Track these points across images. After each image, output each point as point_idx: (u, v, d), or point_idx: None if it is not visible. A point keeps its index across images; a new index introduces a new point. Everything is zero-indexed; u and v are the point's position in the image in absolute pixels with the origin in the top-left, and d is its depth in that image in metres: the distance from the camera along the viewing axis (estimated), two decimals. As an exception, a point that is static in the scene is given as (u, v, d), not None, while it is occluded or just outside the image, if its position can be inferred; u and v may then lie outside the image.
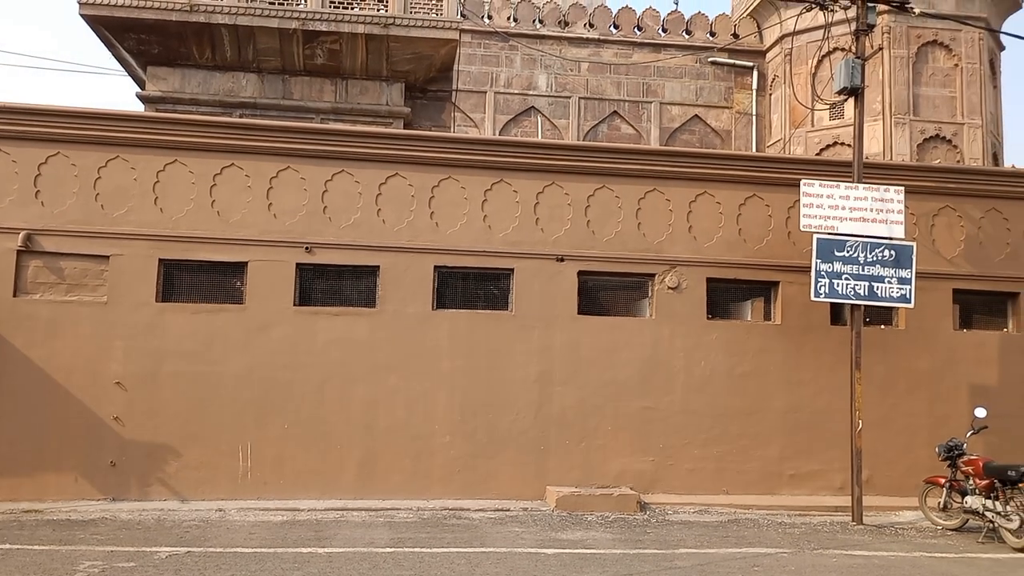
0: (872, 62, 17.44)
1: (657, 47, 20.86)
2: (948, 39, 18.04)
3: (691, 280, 11.27)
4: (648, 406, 10.98)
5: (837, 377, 10.95)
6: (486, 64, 20.27)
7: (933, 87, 18.08)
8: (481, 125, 20.16)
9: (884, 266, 10.37)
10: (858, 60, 10.60)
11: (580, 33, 20.57)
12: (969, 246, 11.69)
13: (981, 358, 11.52)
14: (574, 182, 11.22)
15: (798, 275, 11.07)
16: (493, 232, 11.02)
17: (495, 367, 10.80)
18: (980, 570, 7.77)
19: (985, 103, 18.13)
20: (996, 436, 10.72)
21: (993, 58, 19.06)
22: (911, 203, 11.10)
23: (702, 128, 20.96)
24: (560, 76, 20.46)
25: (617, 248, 11.21)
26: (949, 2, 17.99)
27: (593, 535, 8.73)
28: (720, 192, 11.45)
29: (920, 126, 17.88)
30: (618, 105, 20.69)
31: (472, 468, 10.57)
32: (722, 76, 21.05)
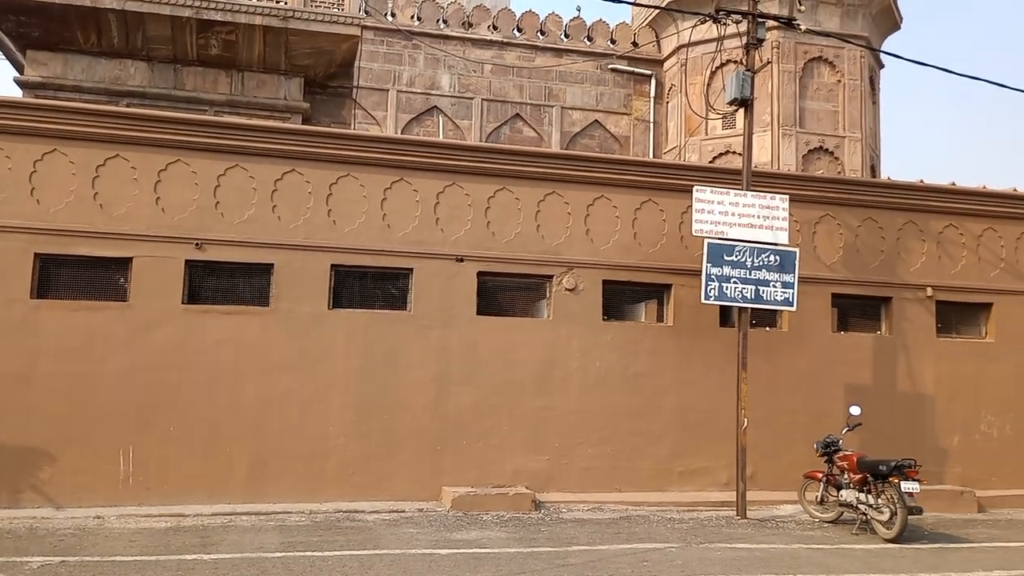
0: (762, 75, 18.15)
1: (559, 52, 21.14)
2: (832, 56, 18.97)
3: (588, 282, 11.46)
4: (544, 406, 11.11)
5: (725, 377, 11.34)
6: (389, 62, 20.09)
7: (818, 101, 18.98)
8: (383, 123, 19.96)
9: (770, 270, 10.81)
10: (748, 73, 11.02)
11: (484, 35, 20.64)
12: (847, 253, 12.32)
13: (856, 359, 12.16)
14: (475, 183, 11.24)
15: (690, 278, 11.42)
16: (392, 231, 10.93)
17: (392, 367, 10.71)
18: (853, 560, 8.19)
19: (865, 118, 19.16)
20: (869, 432, 11.34)
21: (873, 75, 20.16)
22: (795, 211, 11.62)
23: (602, 133, 21.37)
24: (463, 77, 20.47)
25: (516, 249, 11.29)
26: (834, 20, 18.92)
27: (488, 535, 8.76)
28: (617, 196, 11.69)
29: (805, 138, 18.74)
30: (520, 108, 20.86)
31: (367, 469, 10.44)
32: (622, 83, 21.51)
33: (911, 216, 12.58)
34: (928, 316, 12.50)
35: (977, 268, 12.76)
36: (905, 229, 12.56)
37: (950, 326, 12.77)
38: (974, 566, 8.07)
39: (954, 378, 12.46)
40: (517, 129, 20.98)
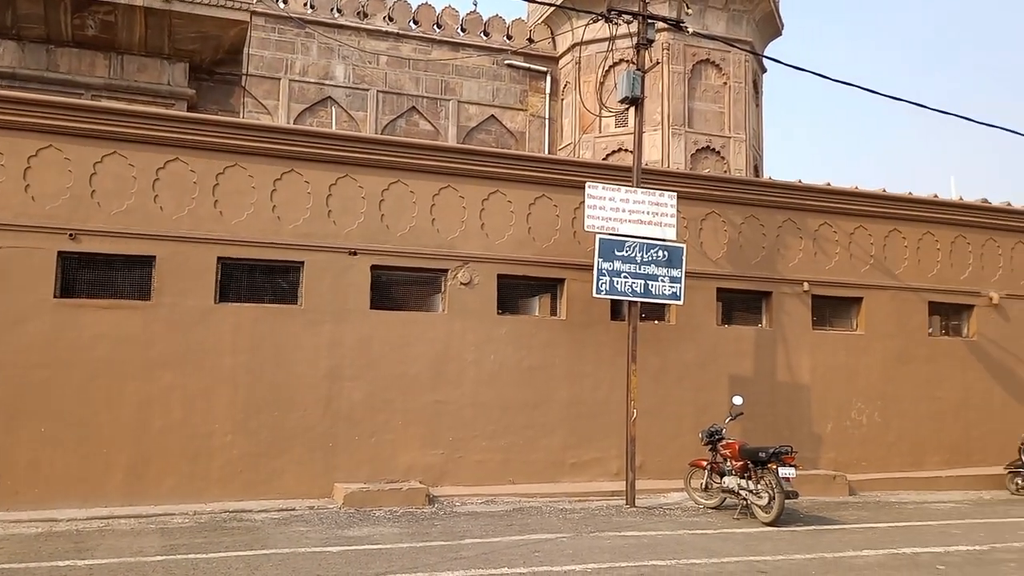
0: (654, 76, 18.64)
1: (456, 46, 21.11)
2: (719, 59, 19.65)
3: (483, 276, 11.50)
4: (439, 400, 11.09)
5: (615, 369, 11.60)
6: (281, 50, 19.59)
7: (705, 102, 19.64)
8: (274, 113, 19.46)
9: (658, 265, 11.12)
10: (639, 72, 11.29)
11: (379, 26, 20.39)
12: (731, 249, 12.80)
13: (739, 351, 12.66)
14: (369, 175, 11.09)
15: (582, 273, 11.61)
16: (283, 223, 10.66)
17: (282, 363, 10.46)
18: (734, 544, 8.53)
19: (749, 119, 19.94)
20: (751, 421, 11.83)
21: (757, 79, 21.01)
22: (683, 208, 11.98)
23: (498, 128, 21.47)
24: (359, 68, 20.17)
25: (411, 243, 11.21)
26: (720, 25, 19.60)
27: (380, 530, 8.68)
28: (512, 191, 11.77)
29: (694, 137, 19.36)
30: (417, 101, 20.73)
31: (255, 467, 10.17)
32: (518, 79, 21.66)
33: (790, 214, 13.19)
34: (805, 309, 13.13)
35: (849, 264, 13.50)
36: (784, 227, 13.16)
37: (825, 319, 13.46)
38: (845, 546, 8.54)
39: (828, 368, 13.15)
40: (413, 122, 20.83)
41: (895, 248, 13.81)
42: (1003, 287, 14.39)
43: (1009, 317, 14.43)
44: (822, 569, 7.49)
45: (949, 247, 14.16)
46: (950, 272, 14.13)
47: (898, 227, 13.85)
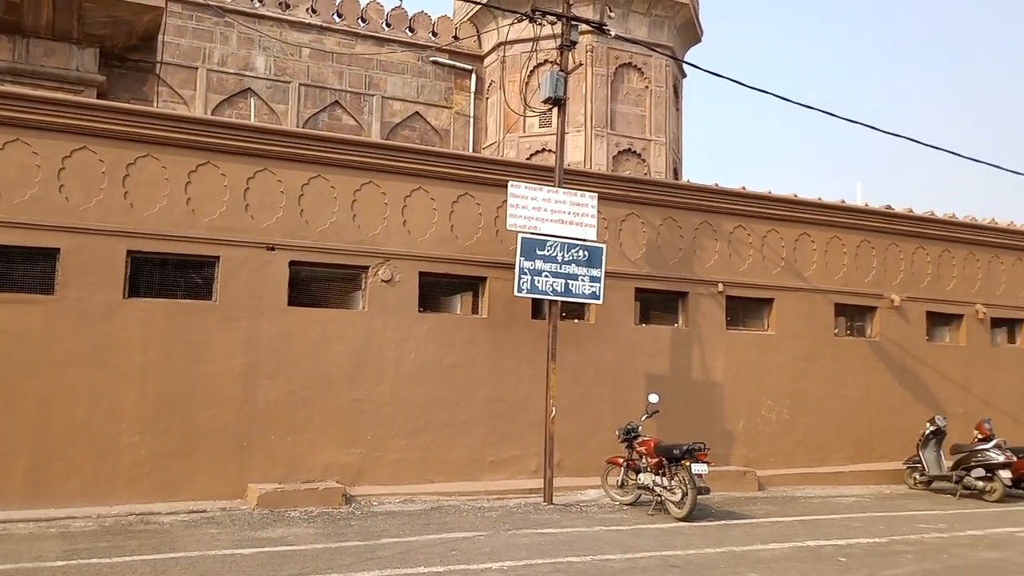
0: (577, 78, 18.84)
1: (381, 41, 20.91)
2: (641, 63, 20.00)
3: (404, 273, 11.43)
4: (358, 398, 10.97)
5: (536, 367, 11.69)
6: (198, 38, 19.04)
7: (627, 105, 19.96)
8: (191, 103, 18.90)
9: (579, 265, 11.26)
10: (562, 73, 11.40)
11: (302, 18, 20.03)
12: (649, 250, 13.05)
13: (656, 350, 12.92)
14: (288, 169, 10.89)
15: (504, 271, 11.66)
16: (197, 217, 10.38)
17: (195, 360, 10.18)
18: (648, 539, 8.71)
19: (669, 123, 20.35)
20: (667, 419, 12.09)
21: (677, 84, 21.45)
22: (604, 208, 12.16)
23: (423, 125, 21.36)
24: (280, 59, 19.78)
25: (331, 239, 11.06)
26: (642, 29, 19.94)
27: (295, 531, 8.55)
28: (435, 188, 11.73)
29: (616, 139, 19.65)
30: (340, 95, 20.45)
31: (165, 468, 9.87)
32: (443, 76, 21.59)
33: (706, 217, 13.52)
34: (719, 310, 13.49)
35: (762, 266, 13.92)
36: (701, 229, 13.48)
37: (738, 319, 13.86)
38: (753, 540, 8.81)
39: (741, 367, 13.54)
40: (336, 117, 20.55)
41: (805, 251, 14.31)
42: (904, 290, 15.07)
43: (909, 319, 15.12)
44: (731, 562, 7.72)
45: (855, 251, 14.76)
46: (855, 275, 14.73)
47: (808, 231, 14.36)
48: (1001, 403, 15.71)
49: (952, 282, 15.69)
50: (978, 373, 15.69)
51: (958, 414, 15.02)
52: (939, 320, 15.70)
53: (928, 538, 9.28)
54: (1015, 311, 16.28)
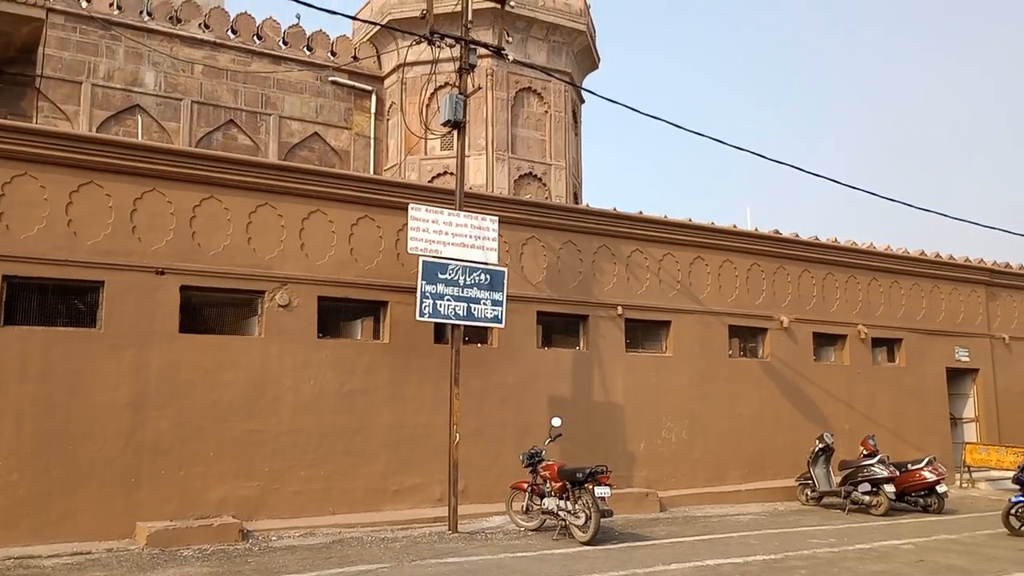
0: (479, 101, 18.94)
1: (277, 59, 20.47)
2: (540, 88, 20.27)
3: (302, 298, 11.14)
4: (254, 428, 10.58)
5: (439, 393, 11.57)
6: (83, 52, 18.18)
7: (528, 129, 20.17)
8: (75, 119, 17.99)
9: (481, 289, 11.23)
10: (461, 96, 11.40)
11: (194, 33, 19.41)
12: (551, 273, 13.17)
13: (559, 372, 13.01)
14: (179, 190, 10.48)
15: (405, 295, 11.53)
16: (80, 239, 9.84)
17: (78, 391, 9.61)
18: (553, 565, 8.69)
19: (568, 148, 20.68)
20: (570, 442, 12.16)
21: (576, 109, 21.85)
22: (505, 232, 12.20)
23: (322, 146, 20.99)
24: (171, 76, 19.08)
25: (225, 263, 10.68)
26: (541, 55, 20.24)
27: (187, 571, 8.13)
28: (333, 211, 11.51)
29: (517, 163, 19.81)
30: (235, 114, 19.88)
31: (45, 508, 9.24)
32: (342, 97, 21.30)
33: (605, 240, 13.76)
34: (619, 332, 13.71)
35: (659, 289, 14.26)
36: (600, 252, 13.71)
37: (637, 341, 14.12)
38: (655, 561, 8.92)
39: (640, 389, 13.78)
40: (231, 136, 19.95)
41: (699, 274, 14.74)
42: (792, 311, 15.71)
43: (797, 340, 15.77)
44: (635, 585, 7.78)
45: (746, 274, 15.30)
46: (747, 297, 15.26)
47: (702, 255, 14.80)
48: (883, 419, 16.54)
49: (836, 304, 16.46)
50: (861, 390, 16.48)
51: (844, 431, 15.73)
52: (825, 340, 16.43)
53: (820, 553, 9.62)
54: (893, 331, 17.21)
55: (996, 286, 19.13)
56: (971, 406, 18.76)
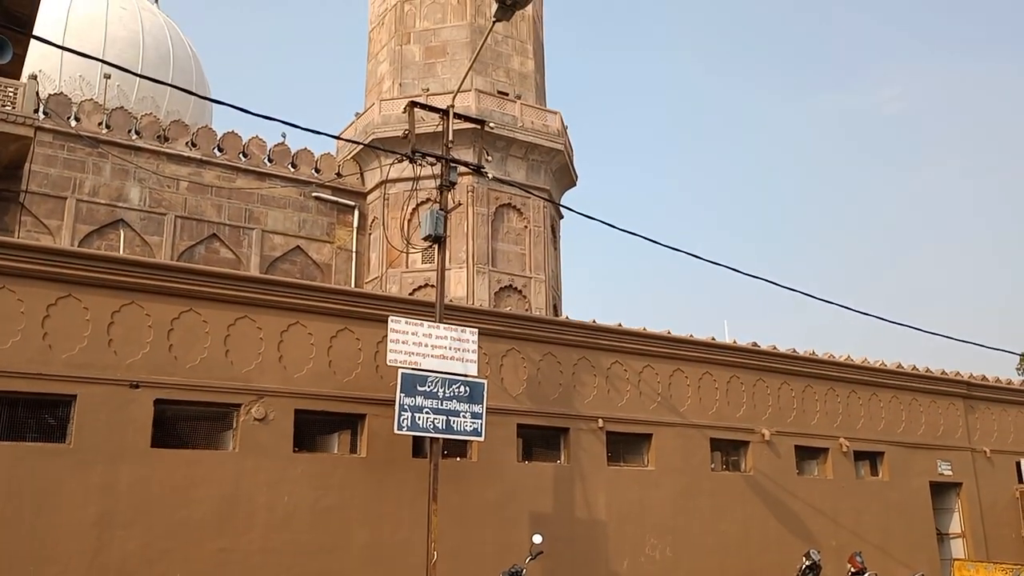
0: (460, 216, 19.36)
1: (262, 175, 20.95)
2: (520, 204, 20.78)
3: (279, 411, 10.99)
4: (224, 547, 10.22)
5: (416, 509, 11.29)
6: (69, 168, 18.53)
7: (508, 243, 20.54)
8: (57, 233, 18.15)
9: (460, 401, 11.14)
10: (441, 212, 11.65)
11: (181, 151, 19.89)
12: (531, 385, 13.12)
13: (539, 487, 12.77)
14: (158, 303, 10.47)
15: (384, 408, 11.40)
16: (55, 352, 9.74)
17: (44, 510, 9.28)
18: None
19: (548, 261, 21.01)
20: (551, 560, 11.81)
21: (555, 224, 22.34)
22: (485, 344, 12.22)
23: (304, 259, 21.22)
24: (156, 191, 19.43)
25: (202, 376, 10.58)
26: (521, 172, 20.85)
27: None
28: (313, 323, 11.52)
29: (497, 276, 20.07)
30: (218, 228, 20.16)
31: (-3, 636, 8.78)
32: (325, 212, 21.70)
33: (585, 353, 13.79)
34: (600, 446, 13.56)
35: (639, 402, 14.20)
36: (580, 364, 13.72)
37: (618, 455, 13.95)
38: None
39: (623, 504, 13.51)
40: (214, 250, 20.16)
41: (679, 387, 14.74)
42: (773, 424, 15.65)
43: (779, 453, 15.65)
44: None
45: (726, 387, 15.32)
46: (727, 410, 15.22)
47: (681, 367, 14.84)
48: (870, 535, 16.25)
49: (816, 416, 16.44)
50: (846, 505, 16.25)
51: (831, 547, 15.40)
52: (807, 454, 16.31)
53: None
54: (875, 444, 17.14)
55: (974, 399, 19.23)
56: (957, 521, 18.51)
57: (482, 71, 21.80)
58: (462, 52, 21.89)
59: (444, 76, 21.77)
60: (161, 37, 27.65)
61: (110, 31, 26.01)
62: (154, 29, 27.54)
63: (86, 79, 24.26)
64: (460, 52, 21.94)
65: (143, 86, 24.13)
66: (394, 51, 22.63)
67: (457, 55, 21.95)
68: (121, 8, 26.73)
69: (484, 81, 21.72)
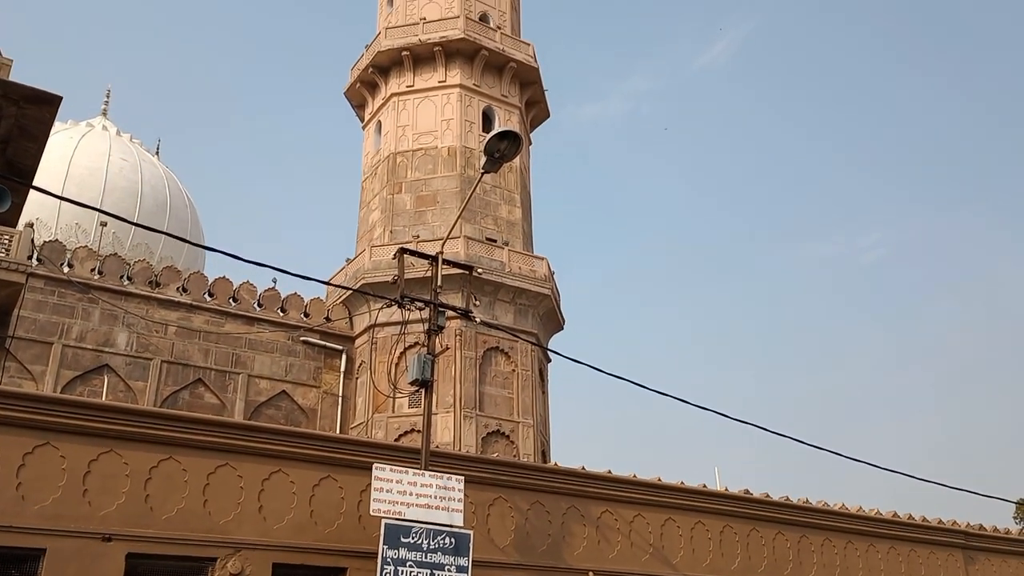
0: (448, 360, 19.36)
1: (251, 320, 21.05)
2: (508, 348, 20.85)
3: (256, 566, 10.53)
4: None
5: (397, 672, 10.64)
6: (58, 314, 18.60)
7: (496, 387, 20.45)
8: (41, 379, 17.99)
9: (445, 553, 10.74)
10: (429, 356, 11.66)
11: (171, 296, 20.07)
12: (518, 536, 12.70)
13: (528, 647, 12.10)
14: (136, 451, 10.24)
15: (366, 561, 10.96)
16: (27, 504, 9.42)
17: (-4, 676, 8.71)
18: None
19: (536, 405, 20.86)
20: None
21: (543, 368, 22.33)
22: (471, 492, 11.90)
23: (289, 404, 21.00)
24: (143, 336, 19.44)
25: (178, 527, 10.20)
26: (508, 316, 21.05)
27: None
28: (295, 471, 11.25)
29: (484, 421, 19.85)
30: (204, 373, 20.05)
31: None
32: (312, 356, 21.69)
33: (574, 501, 13.44)
34: (591, 600, 12.96)
35: (630, 553, 13.71)
36: (569, 513, 13.34)
37: (611, 610, 13.30)
38: None
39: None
40: (198, 395, 19.97)
41: (671, 537, 14.28)
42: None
43: (778, 606, 14.98)
44: None
45: (719, 536, 14.85)
46: (721, 561, 14.68)
47: (673, 516, 14.44)
48: None
49: (813, 568, 15.87)
50: (850, 663, 15.42)
51: None
52: (807, 607, 15.64)
53: None
54: (876, 595, 16.48)
55: (973, 549, 18.68)
56: None
57: (471, 219, 22.42)
58: (452, 201, 22.59)
59: (434, 223, 22.37)
60: (159, 187, 28.53)
61: (110, 181, 26.86)
62: (153, 179, 28.44)
63: (82, 227, 24.82)
64: (450, 201, 22.65)
65: (138, 233, 24.65)
66: (386, 200, 23.33)
67: (447, 203, 22.64)
68: (122, 160, 27.71)
69: (473, 228, 22.31)
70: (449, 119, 23.70)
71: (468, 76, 24.19)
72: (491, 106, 24.53)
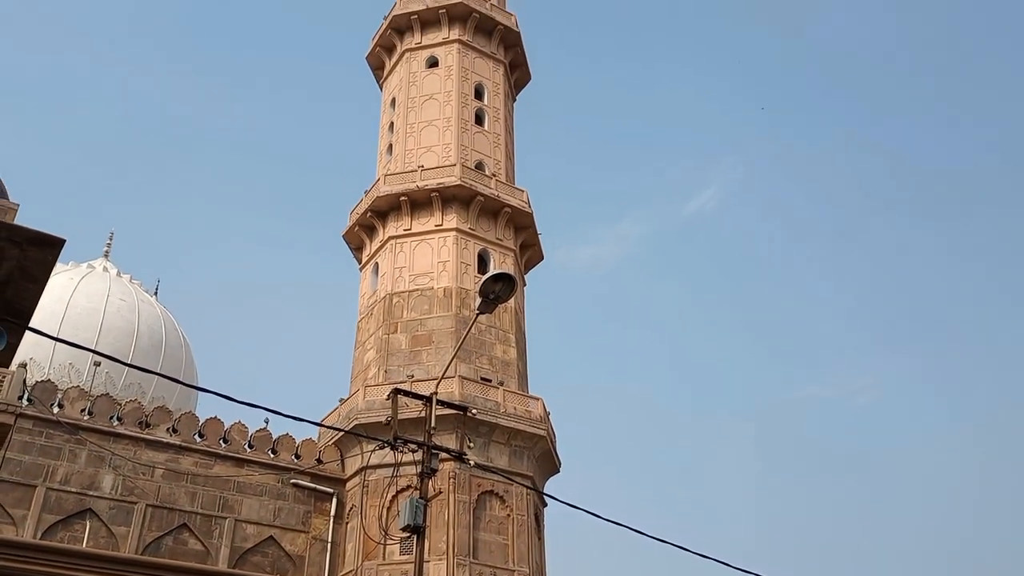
0: (441, 504, 18.84)
1: (241, 462, 20.60)
2: (503, 491, 20.32)
3: None
4: None
5: None
6: (44, 455, 18.21)
7: (490, 533, 19.79)
8: (21, 524, 17.36)
9: None
10: (421, 501, 11.36)
11: (160, 437, 19.74)
12: None
13: None
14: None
15: None
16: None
17: None
18: None
19: (532, 552, 20.12)
20: None
21: (539, 512, 21.69)
22: (463, 647, 11.31)
23: (276, 551, 20.23)
24: (129, 479, 18.95)
25: None
26: (503, 459, 20.65)
27: None
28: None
29: (479, 568, 19.08)
30: (189, 517, 19.40)
31: None
32: (302, 499, 21.09)
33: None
34: None
35: None
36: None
37: None
38: None
39: None
40: (182, 540, 19.24)
41: None
42: None
43: None
44: None
45: None
46: None
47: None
48: None
49: None
50: None
51: None
52: None
53: None
54: None
55: None
56: None
57: (466, 358, 22.41)
58: (447, 340, 22.65)
59: (429, 363, 22.33)
60: (156, 326, 28.66)
61: (107, 321, 27.01)
62: (150, 319, 28.61)
63: (75, 366, 24.74)
64: (445, 340, 22.71)
65: (131, 372, 24.55)
66: (381, 339, 23.39)
67: (442, 343, 22.69)
68: (120, 300, 27.98)
69: (468, 368, 22.25)
70: (445, 261, 24.13)
71: (464, 220, 24.83)
72: (486, 249, 25.05)
